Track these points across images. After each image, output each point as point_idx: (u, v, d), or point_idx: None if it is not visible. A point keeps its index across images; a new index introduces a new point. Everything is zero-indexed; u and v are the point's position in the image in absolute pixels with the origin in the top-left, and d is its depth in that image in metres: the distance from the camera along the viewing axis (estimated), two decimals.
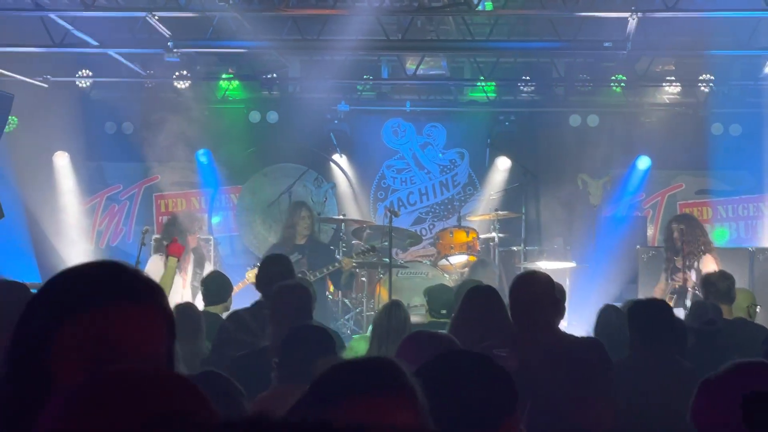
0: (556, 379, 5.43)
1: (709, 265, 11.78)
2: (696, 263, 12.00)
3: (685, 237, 12.16)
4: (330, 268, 13.11)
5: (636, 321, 6.33)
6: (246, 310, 8.13)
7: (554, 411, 5.19)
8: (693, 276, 11.91)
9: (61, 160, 17.84)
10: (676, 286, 12.02)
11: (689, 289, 11.81)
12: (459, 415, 3.00)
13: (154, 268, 11.13)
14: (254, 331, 7.31)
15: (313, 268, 13.16)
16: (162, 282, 9.87)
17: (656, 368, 5.90)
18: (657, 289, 12.43)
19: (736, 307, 9.19)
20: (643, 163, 17.28)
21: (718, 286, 9.20)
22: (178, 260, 10.47)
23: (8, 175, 16.50)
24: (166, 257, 10.61)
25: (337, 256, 13.97)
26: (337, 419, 2.22)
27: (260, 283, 8.36)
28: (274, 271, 8.32)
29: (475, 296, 6.96)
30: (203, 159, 17.85)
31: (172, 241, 10.79)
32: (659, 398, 4.53)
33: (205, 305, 9.53)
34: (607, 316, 7.72)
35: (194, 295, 11.27)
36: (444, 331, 7.26)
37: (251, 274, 12.77)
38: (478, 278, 12.90)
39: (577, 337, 6.23)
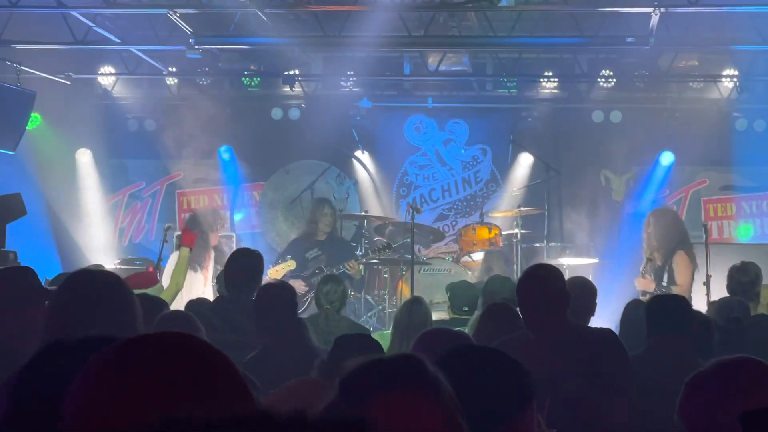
0: (568, 374, 5.39)
1: (678, 263, 11.51)
2: (669, 262, 11.66)
3: (654, 233, 11.90)
4: (341, 268, 13.07)
5: (652, 316, 6.27)
6: (207, 307, 7.99)
7: (566, 406, 5.15)
8: (665, 276, 11.60)
9: (84, 157, 17.90)
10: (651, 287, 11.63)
11: (656, 288, 11.55)
12: (472, 409, 2.99)
13: (173, 265, 11.10)
14: (217, 327, 7.20)
15: (332, 265, 13.17)
16: (175, 272, 9.80)
17: (669, 364, 5.83)
18: (642, 283, 12.08)
19: (759, 304, 9.07)
20: (667, 159, 17.20)
21: (734, 281, 9.03)
22: (191, 250, 10.29)
23: (31, 172, 16.52)
24: (179, 248, 10.44)
25: (358, 253, 13.95)
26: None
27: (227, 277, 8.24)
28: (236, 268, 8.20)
29: (491, 314, 6.94)
30: (225, 156, 17.88)
31: (184, 232, 10.59)
32: (670, 395, 4.45)
33: None
34: (633, 311, 7.67)
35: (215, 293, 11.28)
36: (461, 329, 7.27)
37: (273, 272, 12.78)
38: (491, 268, 12.92)
39: (590, 329, 6.16)
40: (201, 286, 11.31)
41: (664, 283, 11.50)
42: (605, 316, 11.52)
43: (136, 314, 4.22)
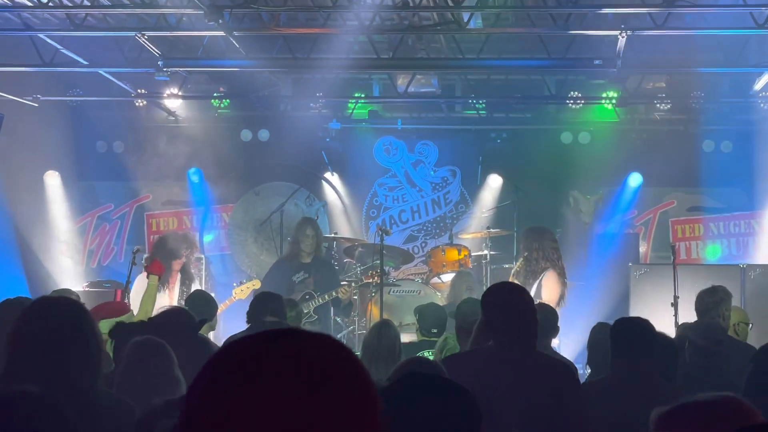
0: (529, 398, 5.33)
1: (550, 281, 11.42)
2: (539, 278, 11.56)
3: (524, 250, 11.88)
4: (333, 294, 12.88)
5: (616, 339, 6.22)
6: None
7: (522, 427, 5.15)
8: (533, 289, 11.44)
9: (52, 179, 17.81)
10: None
11: None
12: None
13: (140, 287, 11.04)
14: None
15: (319, 288, 12.91)
16: (144, 301, 9.80)
17: (634, 388, 5.81)
18: None
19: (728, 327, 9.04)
20: (635, 180, 17.27)
21: (699, 302, 8.97)
22: (159, 278, 10.36)
23: None
24: (147, 275, 10.50)
25: (344, 279, 13.73)
26: None
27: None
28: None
29: None
30: (194, 178, 17.82)
31: (153, 260, 10.65)
32: (635, 418, 4.39)
33: None
34: (599, 334, 7.67)
35: None
36: (430, 351, 7.27)
37: (238, 291, 12.69)
38: (461, 289, 12.91)
39: (551, 359, 6.04)
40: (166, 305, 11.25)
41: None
42: (574, 337, 11.58)
43: (97, 344, 4.19)
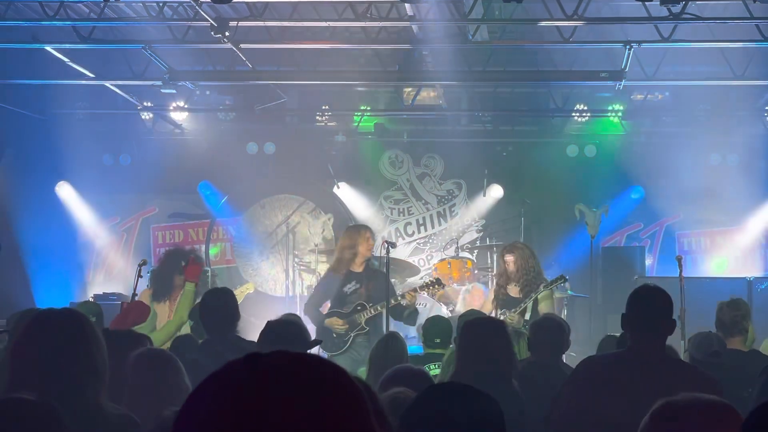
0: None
1: (544, 297, 11.18)
2: (532, 295, 11.24)
3: (519, 267, 11.48)
4: (393, 302, 11.33)
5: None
6: (196, 347, 7.77)
7: None
8: (527, 312, 11.13)
9: (59, 192, 17.81)
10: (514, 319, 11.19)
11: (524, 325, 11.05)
12: None
13: (143, 300, 10.95)
14: (206, 366, 6.80)
15: (371, 299, 11.46)
16: (180, 307, 9.57)
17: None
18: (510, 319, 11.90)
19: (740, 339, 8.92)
20: (641, 192, 17.26)
21: (724, 315, 8.86)
22: (196, 285, 9.89)
23: (6, 206, 16.48)
24: (183, 282, 9.93)
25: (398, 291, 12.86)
26: None
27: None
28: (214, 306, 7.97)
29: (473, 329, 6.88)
30: (201, 190, 17.83)
31: (189, 263, 9.95)
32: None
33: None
34: (607, 346, 7.67)
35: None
36: (436, 363, 7.27)
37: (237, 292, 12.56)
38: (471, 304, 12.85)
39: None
40: (165, 318, 11.20)
41: (527, 317, 11.08)
42: (580, 350, 11.56)
43: (102, 356, 4.18)
